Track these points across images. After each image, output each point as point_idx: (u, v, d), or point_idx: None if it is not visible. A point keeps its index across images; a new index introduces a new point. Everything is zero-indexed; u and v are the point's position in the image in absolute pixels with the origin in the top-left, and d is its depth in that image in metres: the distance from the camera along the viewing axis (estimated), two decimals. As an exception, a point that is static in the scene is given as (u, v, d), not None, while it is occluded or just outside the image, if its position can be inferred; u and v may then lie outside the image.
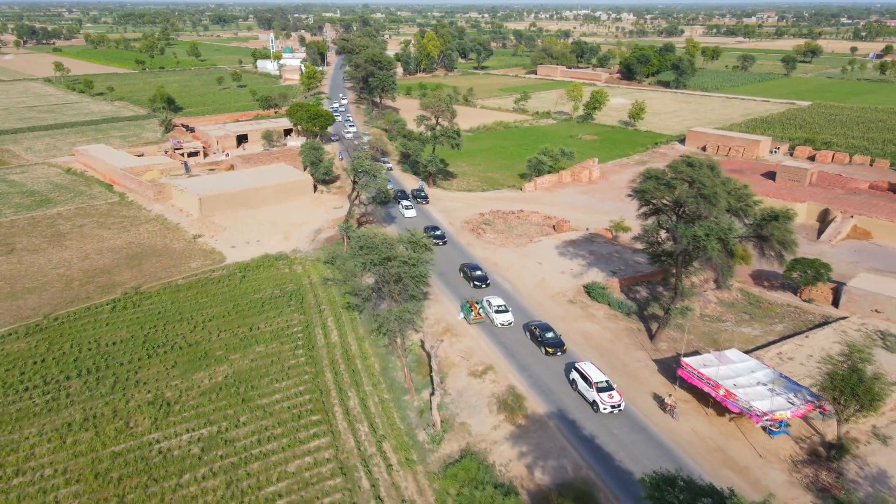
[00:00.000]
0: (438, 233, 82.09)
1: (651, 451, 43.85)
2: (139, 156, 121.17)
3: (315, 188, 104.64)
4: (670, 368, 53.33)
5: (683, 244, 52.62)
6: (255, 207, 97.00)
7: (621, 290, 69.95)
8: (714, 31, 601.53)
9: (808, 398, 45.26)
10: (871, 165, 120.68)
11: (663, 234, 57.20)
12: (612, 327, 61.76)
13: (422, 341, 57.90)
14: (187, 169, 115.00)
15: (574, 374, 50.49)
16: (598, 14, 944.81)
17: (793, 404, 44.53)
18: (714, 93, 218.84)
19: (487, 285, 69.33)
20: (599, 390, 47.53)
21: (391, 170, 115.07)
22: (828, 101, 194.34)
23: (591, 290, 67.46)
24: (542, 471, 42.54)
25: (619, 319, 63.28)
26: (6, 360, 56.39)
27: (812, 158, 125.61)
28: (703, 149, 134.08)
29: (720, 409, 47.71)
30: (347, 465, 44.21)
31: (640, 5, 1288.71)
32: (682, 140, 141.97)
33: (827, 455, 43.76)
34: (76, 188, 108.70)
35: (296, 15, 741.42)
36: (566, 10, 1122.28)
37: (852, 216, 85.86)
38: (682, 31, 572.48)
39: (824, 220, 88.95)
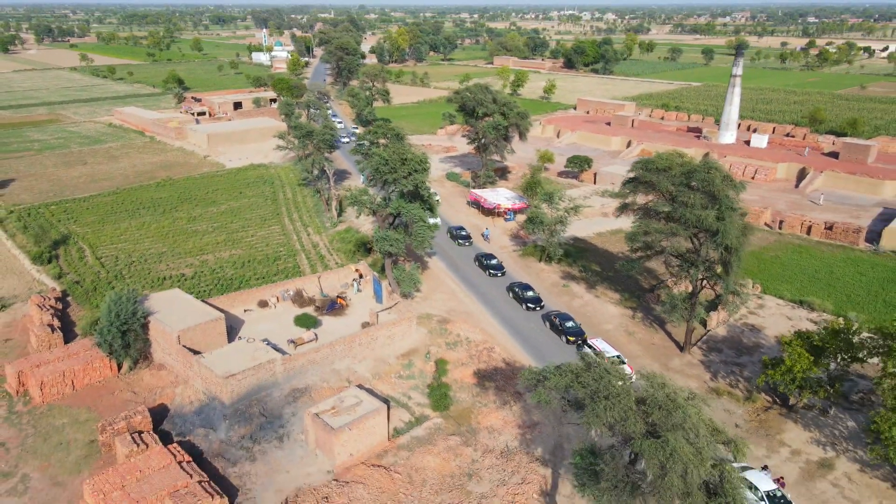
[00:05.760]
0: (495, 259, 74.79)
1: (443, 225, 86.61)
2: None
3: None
4: (476, 205, 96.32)
5: (481, 135, 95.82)
6: (246, 143, 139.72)
7: (471, 179, 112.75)
8: (679, 29, 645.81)
9: (525, 201, 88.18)
10: (702, 121, 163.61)
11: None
12: (452, 191, 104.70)
13: (336, 194, 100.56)
14: (197, 122, 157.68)
15: (586, 350, 52.02)
16: (582, 14, 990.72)
17: (515, 203, 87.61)
18: (633, 77, 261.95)
19: None
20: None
21: (344, 125, 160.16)
22: (716, 83, 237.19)
23: (449, 176, 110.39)
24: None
25: (458, 187, 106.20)
26: (99, 205, 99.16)
27: (662, 118, 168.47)
28: (588, 112, 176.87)
29: (487, 212, 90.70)
30: (287, 234, 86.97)
31: (625, 6, 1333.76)
32: (574, 107, 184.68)
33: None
34: (118, 135, 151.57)
35: (292, 15, 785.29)
36: (553, 10, 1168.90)
37: (641, 144, 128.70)
38: (649, 30, 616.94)
39: (628, 146, 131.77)
